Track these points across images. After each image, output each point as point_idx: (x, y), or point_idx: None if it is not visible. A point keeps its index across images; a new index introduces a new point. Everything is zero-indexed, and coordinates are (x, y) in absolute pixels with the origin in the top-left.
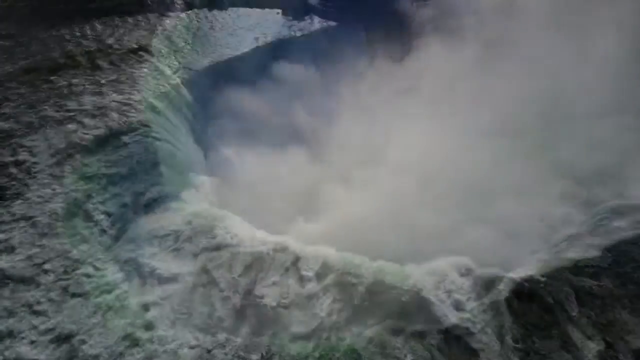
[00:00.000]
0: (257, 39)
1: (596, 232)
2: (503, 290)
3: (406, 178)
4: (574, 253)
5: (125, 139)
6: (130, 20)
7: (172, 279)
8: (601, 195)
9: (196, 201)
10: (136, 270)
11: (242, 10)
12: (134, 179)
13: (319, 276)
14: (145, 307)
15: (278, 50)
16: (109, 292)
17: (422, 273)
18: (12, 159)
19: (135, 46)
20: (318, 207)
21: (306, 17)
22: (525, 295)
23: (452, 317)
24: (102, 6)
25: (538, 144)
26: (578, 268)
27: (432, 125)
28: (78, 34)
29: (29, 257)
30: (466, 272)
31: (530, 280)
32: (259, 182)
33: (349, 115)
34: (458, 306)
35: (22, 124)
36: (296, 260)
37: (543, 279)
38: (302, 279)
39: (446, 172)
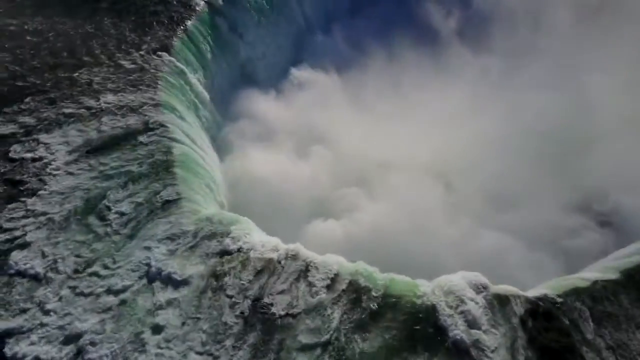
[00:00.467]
0: (278, 41)
1: (614, 253)
2: (518, 308)
3: (430, 183)
4: (591, 273)
5: (142, 138)
6: (153, 20)
7: (182, 282)
8: (618, 208)
9: (210, 203)
10: (147, 272)
11: (265, 13)
12: (149, 179)
13: (330, 286)
14: (154, 309)
15: (299, 54)
16: (119, 292)
17: (434, 287)
18: (30, 154)
19: (157, 46)
20: (336, 211)
21: (330, 23)
22: (540, 314)
23: (464, 333)
24: (128, 6)
25: (560, 154)
26: (595, 288)
27: (457, 131)
28: (103, 32)
29: (43, 254)
30: (480, 288)
31: (545, 299)
32: (275, 185)
33: (369, 120)
34: (470, 322)
35: (43, 120)
36: (307, 268)
37: (559, 299)
38: (312, 288)
39: (467, 178)
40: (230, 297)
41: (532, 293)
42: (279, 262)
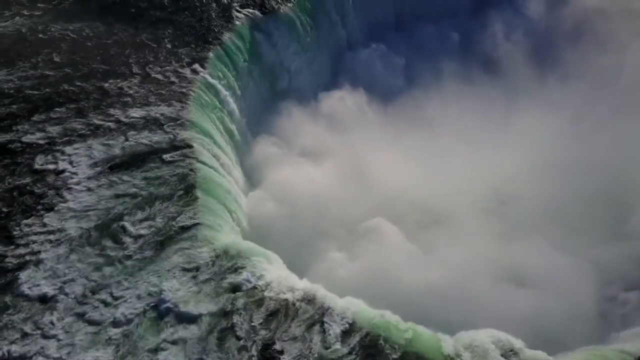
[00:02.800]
0: (317, 58)
1: None
2: None
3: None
4: (630, 344)
5: (166, 157)
6: (191, 32)
7: (190, 318)
8: None
9: (230, 230)
10: (155, 304)
11: (305, 28)
12: (169, 201)
13: (346, 336)
14: (158, 348)
15: (339, 71)
16: (124, 324)
17: (458, 344)
18: (52, 166)
19: (191, 59)
20: (369, 243)
21: (372, 39)
22: None
23: None
24: (166, 15)
25: (617, 189)
26: None
27: (517, 161)
28: (139, 42)
29: (53, 275)
30: (509, 352)
31: None
32: (304, 210)
33: (410, 146)
34: None
35: (68, 131)
36: (323, 314)
37: None
38: (326, 337)
39: (523, 208)
40: (239, 339)
41: None
42: (294, 305)
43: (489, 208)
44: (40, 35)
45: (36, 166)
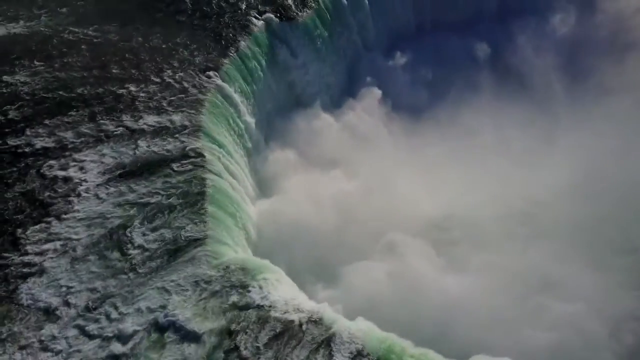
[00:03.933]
0: (334, 65)
1: None
2: None
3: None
4: None
5: (176, 166)
6: (207, 38)
7: (194, 337)
8: None
9: (240, 245)
10: (158, 321)
11: (322, 35)
12: (177, 213)
13: None
14: None
15: (356, 78)
16: (125, 340)
17: None
18: (62, 173)
19: (206, 66)
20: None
21: (392, 47)
22: None
23: None
24: (186, 21)
25: None
26: None
27: (540, 177)
28: (155, 46)
29: (57, 285)
30: None
31: None
32: (318, 224)
33: (426, 162)
34: None
35: (80, 136)
36: (330, 337)
37: None
38: None
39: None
40: None
41: None
42: (300, 326)
43: (515, 227)
44: (62, 38)
45: (46, 172)
